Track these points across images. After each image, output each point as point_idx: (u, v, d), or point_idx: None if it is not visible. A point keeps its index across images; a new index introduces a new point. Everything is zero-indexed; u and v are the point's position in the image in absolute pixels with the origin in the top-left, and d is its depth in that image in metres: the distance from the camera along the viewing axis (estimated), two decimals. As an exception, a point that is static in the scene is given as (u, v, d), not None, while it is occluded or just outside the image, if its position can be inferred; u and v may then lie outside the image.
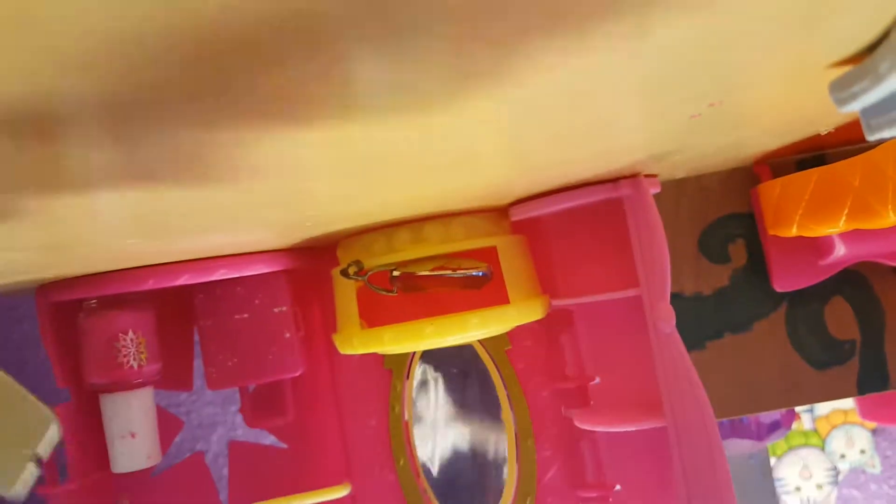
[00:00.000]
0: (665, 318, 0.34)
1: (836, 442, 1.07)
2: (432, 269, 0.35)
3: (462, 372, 0.46)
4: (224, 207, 0.20)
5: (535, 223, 0.38)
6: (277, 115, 0.14)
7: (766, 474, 0.50)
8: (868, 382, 0.39)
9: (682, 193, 0.40)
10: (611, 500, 0.38)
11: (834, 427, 1.06)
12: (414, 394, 0.44)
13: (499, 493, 0.40)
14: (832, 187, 0.31)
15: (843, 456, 1.07)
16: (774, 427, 0.50)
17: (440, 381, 0.46)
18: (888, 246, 0.36)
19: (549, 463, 0.40)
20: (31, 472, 0.22)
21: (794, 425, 1.04)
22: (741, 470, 0.49)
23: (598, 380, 0.38)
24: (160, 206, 0.18)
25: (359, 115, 0.15)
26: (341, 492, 0.39)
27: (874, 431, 1.07)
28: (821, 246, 0.37)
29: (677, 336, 0.33)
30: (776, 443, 1.06)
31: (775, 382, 0.39)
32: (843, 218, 0.30)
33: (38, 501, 0.32)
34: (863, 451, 1.07)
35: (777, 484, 1.06)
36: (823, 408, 1.07)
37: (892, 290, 0.40)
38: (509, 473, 0.40)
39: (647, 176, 0.35)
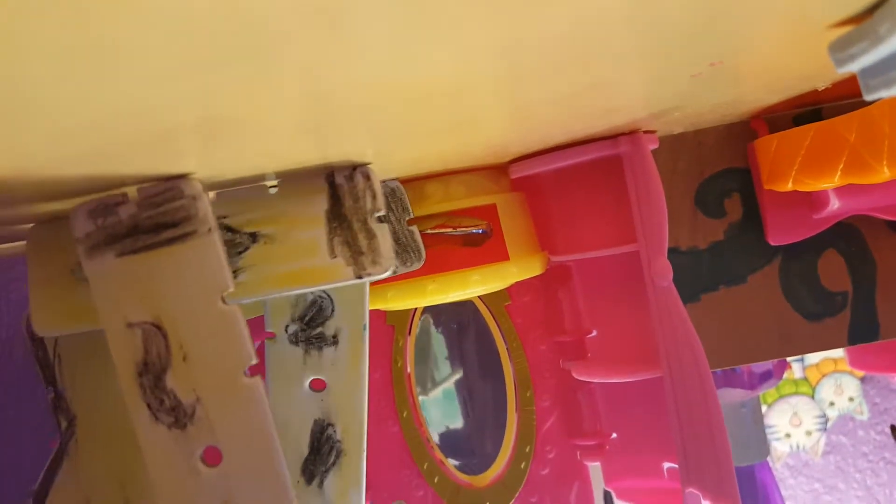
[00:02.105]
0: (662, 274, 0.34)
1: (826, 390, 1.09)
2: (433, 228, 0.36)
3: (462, 326, 0.47)
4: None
5: (534, 180, 0.38)
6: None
7: (758, 422, 0.52)
8: (859, 333, 0.40)
9: (679, 149, 0.40)
10: (607, 447, 0.40)
11: (824, 375, 1.08)
12: (415, 348, 0.45)
13: (499, 442, 0.41)
14: (828, 143, 0.31)
15: (832, 403, 1.10)
16: (766, 377, 0.51)
17: (441, 335, 0.47)
18: (882, 199, 0.37)
19: (547, 413, 0.41)
20: None
21: (785, 374, 1.06)
22: (733, 418, 0.51)
23: (595, 333, 0.39)
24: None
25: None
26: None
27: (863, 379, 1.10)
28: (815, 200, 0.38)
29: (674, 290, 0.34)
30: (767, 391, 1.08)
31: (768, 334, 0.40)
32: (839, 173, 0.31)
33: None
34: (851, 399, 1.09)
35: (768, 431, 1.08)
36: (814, 357, 1.08)
37: (884, 242, 0.40)
38: (509, 423, 0.41)
39: (645, 132, 0.35)
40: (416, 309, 0.44)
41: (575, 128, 0.31)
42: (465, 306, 0.45)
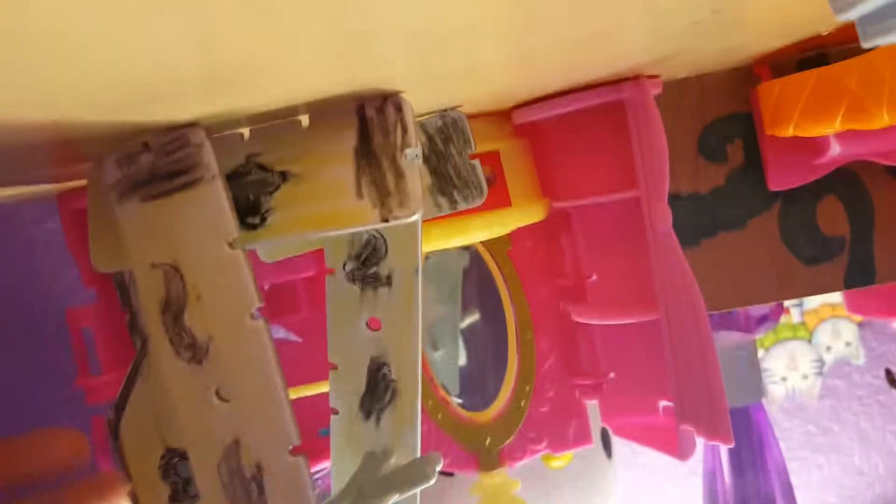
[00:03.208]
0: (662, 219, 0.35)
1: (823, 334, 1.10)
2: (437, 173, 0.36)
3: (465, 270, 0.48)
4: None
5: (536, 126, 0.38)
6: None
7: (754, 364, 0.53)
8: (855, 277, 0.41)
9: (682, 94, 0.40)
10: (604, 386, 0.41)
11: (822, 321, 1.09)
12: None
13: (500, 381, 0.43)
14: (829, 88, 0.31)
15: (828, 348, 1.11)
16: (763, 320, 0.53)
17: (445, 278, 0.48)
18: (882, 145, 0.37)
19: (547, 354, 0.42)
20: None
21: (783, 319, 1.07)
22: (729, 361, 0.52)
23: (594, 277, 0.40)
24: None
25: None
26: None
27: (860, 325, 1.11)
28: (816, 145, 0.38)
29: (673, 235, 0.35)
30: (765, 335, 1.09)
31: (766, 277, 0.41)
32: (839, 118, 0.31)
33: (77, 393, 0.35)
34: (848, 344, 1.11)
35: (764, 374, 1.10)
36: (812, 302, 1.10)
37: (883, 187, 0.41)
38: (510, 363, 0.42)
39: (649, 77, 0.35)
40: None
41: (579, 74, 0.31)
42: (468, 250, 0.46)
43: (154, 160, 0.22)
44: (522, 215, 0.38)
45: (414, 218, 0.23)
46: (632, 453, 0.87)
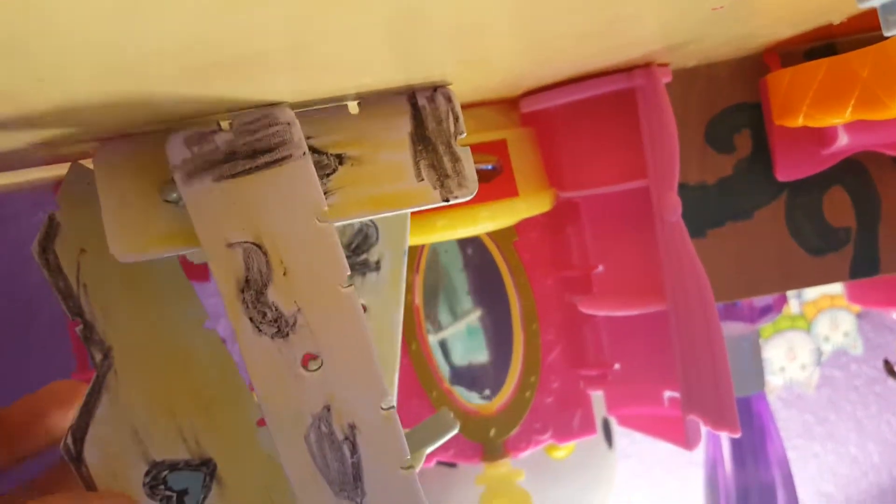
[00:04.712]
0: (672, 209, 0.35)
1: (822, 325, 1.11)
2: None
3: (469, 262, 0.48)
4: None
5: (544, 115, 0.38)
6: None
7: (756, 355, 0.53)
8: (860, 268, 0.41)
9: (692, 83, 0.40)
10: (610, 377, 0.41)
11: (820, 311, 1.10)
12: (424, 285, 0.46)
13: (505, 373, 0.43)
14: (841, 78, 0.31)
15: (826, 338, 1.12)
16: (766, 311, 0.52)
17: (464, 272, 0.48)
18: (890, 136, 0.37)
19: (552, 345, 0.42)
20: None
21: (783, 310, 1.07)
22: (733, 351, 0.52)
23: (601, 268, 0.40)
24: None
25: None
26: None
27: (859, 315, 1.12)
28: (824, 136, 0.38)
29: (682, 225, 0.35)
30: (764, 326, 1.10)
31: (772, 268, 0.41)
32: (850, 108, 0.31)
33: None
34: (846, 334, 1.11)
35: (764, 365, 1.10)
36: (811, 293, 1.10)
37: (890, 178, 0.41)
38: (515, 355, 0.42)
39: (659, 65, 0.35)
40: (423, 246, 0.44)
41: (589, 61, 0.31)
42: (473, 242, 0.46)
43: (233, 139, 0.22)
44: (529, 206, 0.38)
45: (469, 197, 0.25)
46: (630, 443, 0.88)
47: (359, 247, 0.29)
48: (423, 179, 0.24)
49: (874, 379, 1.14)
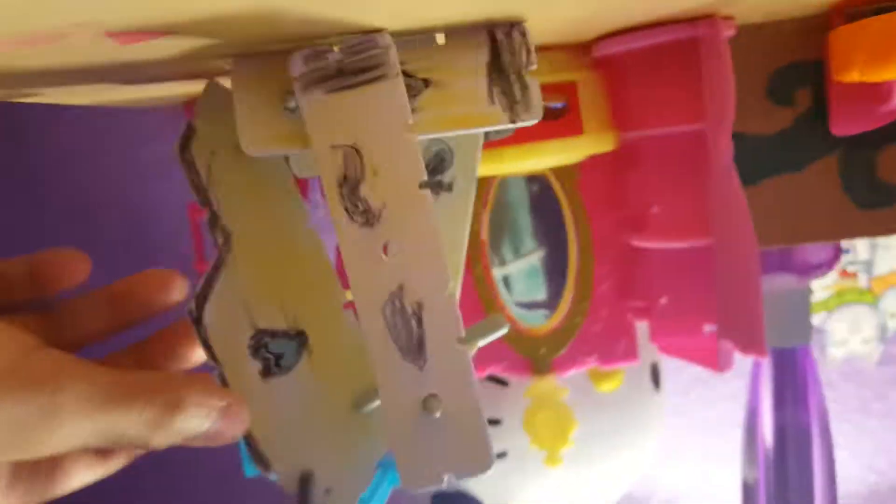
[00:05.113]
0: (725, 152, 0.38)
1: (889, 301, 1.09)
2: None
3: (535, 202, 0.51)
4: None
5: (613, 59, 0.41)
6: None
7: (805, 309, 0.55)
8: (909, 224, 0.43)
9: (756, 37, 0.42)
10: (655, 310, 0.44)
11: (889, 286, 1.08)
12: (490, 221, 0.50)
13: (558, 298, 0.47)
14: (896, 33, 0.33)
15: (893, 315, 1.10)
16: (819, 267, 0.54)
17: (530, 215, 0.52)
18: (949, 96, 0.39)
19: (604, 278, 0.45)
20: None
21: (849, 282, 1.07)
22: (782, 302, 0.54)
23: (657, 208, 0.43)
24: None
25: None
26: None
27: (930, 294, 1.09)
28: (881, 92, 0.39)
29: (733, 168, 0.38)
30: (829, 298, 1.09)
31: (822, 218, 0.43)
32: (902, 63, 0.33)
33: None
34: (915, 312, 1.09)
35: (826, 336, 1.10)
36: (881, 267, 1.09)
37: (948, 140, 0.42)
38: (568, 284, 0.46)
39: (723, 17, 0.37)
40: (491, 183, 0.48)
41: (659, 6, 0.34)
42: (538, 180, 0.50)
43: (342, 58, 0.27)
44: (593, 144, 0.41)
45: (535, 121, 0.28)
46: (678, 392, 0.91)
47: (435, 168, 0.33)
48: (494, 104, 0.28)
49: (940, 360, 1.12)
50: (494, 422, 0.54)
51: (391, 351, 0.28)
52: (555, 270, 0.48)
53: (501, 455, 0.55)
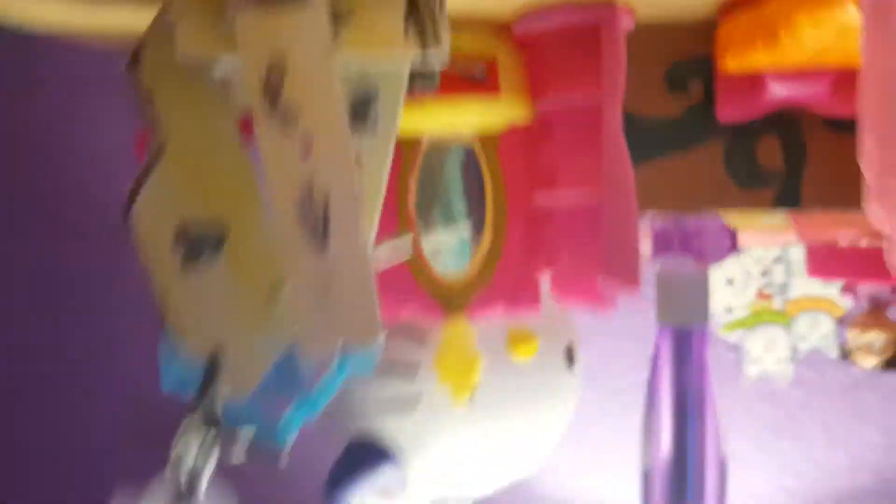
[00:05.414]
0: (614, 121, 0.43)
1: (801, 324, 1.17)
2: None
3: (463, 171, 0.56)
4: None
5: (528, 37, 0.47)
6: None
7: (702, 290, 0.61)
8: (783, 202, 0.49)
9: (656, 33, 0.48)
10: (558, 264, 0.49)
11: (802, 310, 1.16)
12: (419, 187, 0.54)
13: (473, 254, 0.51)
14: (760, 18, 0.39)
15: (803, 337, 1.18)
16: (715, 253, 0.60)
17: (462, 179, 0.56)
18: (816, 91, 0.45)
19: (515, 236, 0.50)
20: None
21: (764, 304, 1.13)
22: (682, 282, 0.60)
23: (561, 171, 0.48)
24: None
25: None
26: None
27: (838, 320, 1.17)
28: (758, 85, 0.46)
29: (622, 136, 0.43)
30: (747, 317, 1.16)
31: (705, 193, 0.49)
32: (760, 49, 0.39)
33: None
34: (825, 336, 1.17)
35: (742, 353, 1.17)
36: (794, 291, 1.16)
37: (817, 133, 0.48)
38: (483, 241, 0.51)
39: (623, 7, 0.43)
40: (419, 150, 0.52)
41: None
42: (467, 153, 0.54)
43: None
44: (510, 109, 0.47)
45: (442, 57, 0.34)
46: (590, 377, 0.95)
47: (359, 107, 0.37)
48: (408, 39, 0.34)
49: (848, 385, 1.19)
50: (411, 368, 0.59)
51: (298, 237, 0.32)
52: (476, 232, 0.53)
53: (413, 400, 0.60)
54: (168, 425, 0.35)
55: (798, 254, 1.09)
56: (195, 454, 0.37)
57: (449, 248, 0.56)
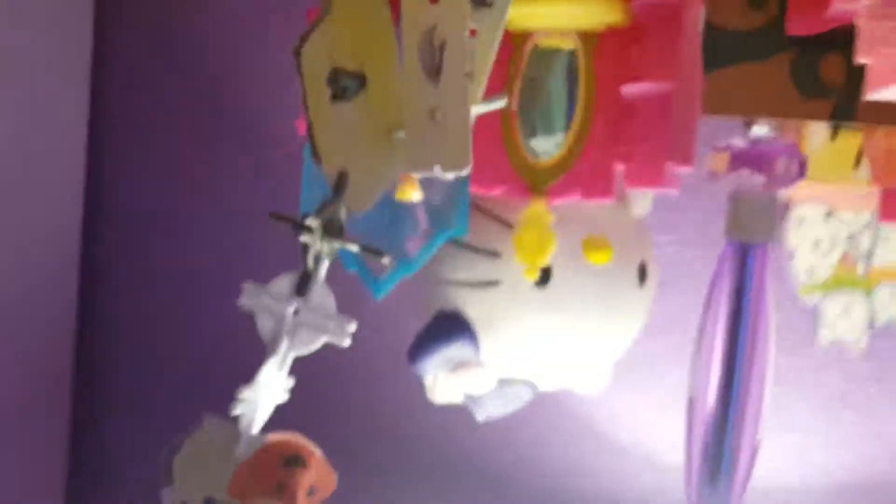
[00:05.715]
0: (694, 19, 0.51)
1: (883, 294, 1.16)
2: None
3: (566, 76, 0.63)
4: None
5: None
6: None
7: (771, 212, 0.65)
8: (838, 115, 0.55)
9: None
10: (637, 154, 0.56)
11: (885, 279, 1.15)
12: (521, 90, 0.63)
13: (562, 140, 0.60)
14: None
15: (883, 308, 1.17)
16: (785, 178, 0.65)
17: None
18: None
19: (599, 126, 0.58)
20: None
21: (846, 269, 1.14)
22: (751, 200, 0.65)
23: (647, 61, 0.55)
24: None
25: None
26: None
27: (923, 294, 1.16)
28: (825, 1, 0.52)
29: (698, 32, 0.51)
30: (826, 280, 1.17)
31: (771, 99, 0.55)
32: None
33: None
34: (906, 309, 1.16)
35: (817, 318, 1.17)
36: (879, 259, 1.16)
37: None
38: (572, 129, 0.59)
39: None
40: (524, 51, 0.61)
41: None
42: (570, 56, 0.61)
43: None
44: (609, 10, 0.55)
45: None
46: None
47: None
48: None
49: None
50: (495, 254, 0.67)
51: (417, 71, 0.42)
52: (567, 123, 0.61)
53: (494, 283, 0.68)
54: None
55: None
56: (318, 245, 0.48)
57: (545, 150, 0.64)
